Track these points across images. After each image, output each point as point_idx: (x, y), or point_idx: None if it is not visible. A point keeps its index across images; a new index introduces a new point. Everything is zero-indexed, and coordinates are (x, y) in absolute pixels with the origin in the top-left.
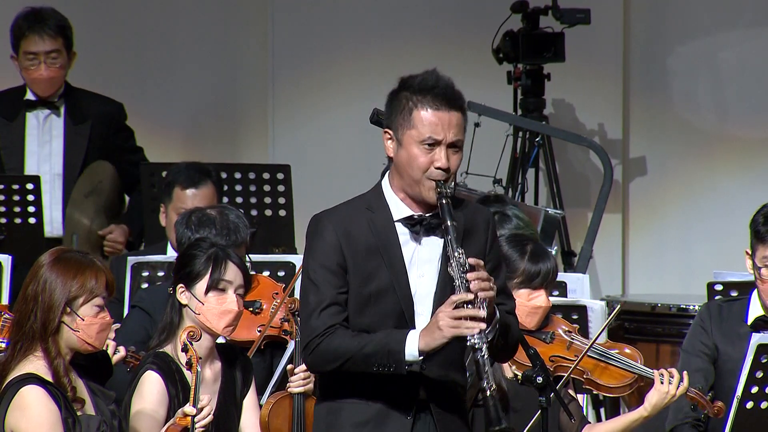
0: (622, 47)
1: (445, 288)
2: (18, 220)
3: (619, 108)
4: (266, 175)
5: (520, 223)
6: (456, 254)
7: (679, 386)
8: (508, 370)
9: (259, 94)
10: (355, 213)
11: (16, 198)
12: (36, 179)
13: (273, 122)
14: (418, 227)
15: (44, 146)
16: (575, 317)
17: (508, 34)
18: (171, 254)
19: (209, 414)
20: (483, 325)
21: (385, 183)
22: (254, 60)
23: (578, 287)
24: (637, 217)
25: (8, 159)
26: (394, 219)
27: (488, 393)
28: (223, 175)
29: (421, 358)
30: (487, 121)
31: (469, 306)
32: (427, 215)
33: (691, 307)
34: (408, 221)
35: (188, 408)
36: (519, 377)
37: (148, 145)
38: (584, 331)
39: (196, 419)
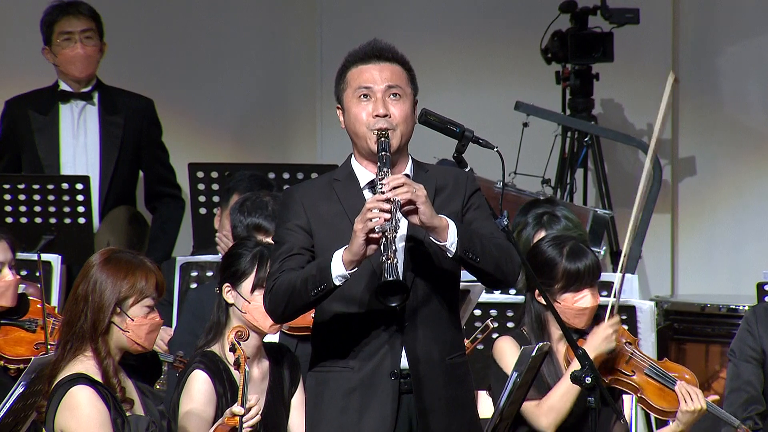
0: (671, 47)
1: (413, 246)
2: (68, 221)
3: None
4: (314, 175)
5: (570, 224)
6: (381, 175)
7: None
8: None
9: (307, 95)
10: (322, 184)
11: (66, 198)
12: (85, 179)
13: (321, 123)
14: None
15: (79, 138)
16: (624, 318)
17: (557, 34)
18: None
19: (257, 414)
20: (387, 215)
21: (352, 157)
22: (303, 60)
23: (627, 288)
24: (686, 217)
25: (44, 153)
26: (361, 186)
27: (388, 261)
28: (272, 176)
29: (349, 272)
30: (536, 121)
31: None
32: None
33: (741, 308)
34: (371, 185)
35: (236, 408)
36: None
37: (198, 145)
38: (633, 332)
39: (244, 419)
